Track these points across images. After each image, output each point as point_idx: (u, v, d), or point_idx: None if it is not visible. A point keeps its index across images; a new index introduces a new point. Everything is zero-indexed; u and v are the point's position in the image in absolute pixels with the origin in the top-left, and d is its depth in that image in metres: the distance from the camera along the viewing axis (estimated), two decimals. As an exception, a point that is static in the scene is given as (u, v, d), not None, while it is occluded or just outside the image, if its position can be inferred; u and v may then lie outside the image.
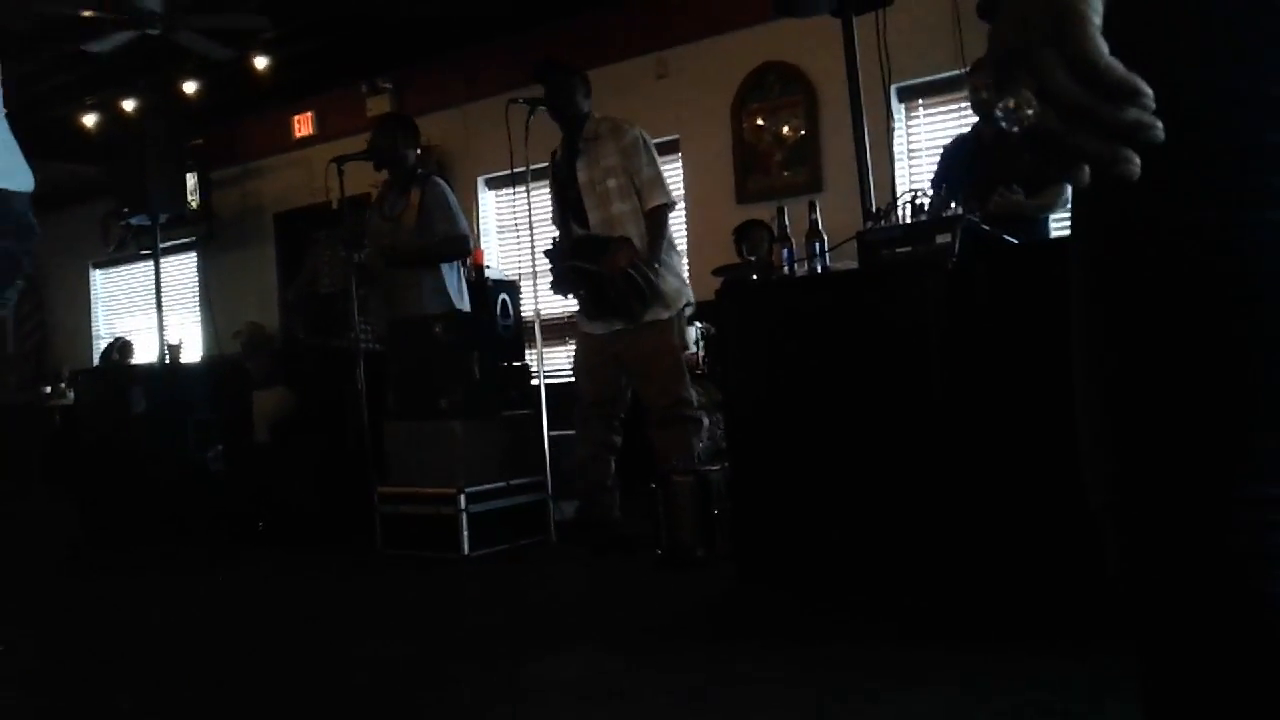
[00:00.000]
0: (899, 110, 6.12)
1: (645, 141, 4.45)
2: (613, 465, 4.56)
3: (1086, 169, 0.73)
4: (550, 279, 4.55)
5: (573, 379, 4.72)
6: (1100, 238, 0.96)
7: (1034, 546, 2.95)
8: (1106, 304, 0.95)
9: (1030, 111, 0.72)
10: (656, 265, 4.35)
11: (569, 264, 4.40)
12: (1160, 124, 0.70)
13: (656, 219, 4.39)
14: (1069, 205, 4.55)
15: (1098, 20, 0.73)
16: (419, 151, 5.34)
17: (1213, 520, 0.89)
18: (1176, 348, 0.90)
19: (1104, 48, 0.72)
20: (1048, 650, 2.60)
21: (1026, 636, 2.72)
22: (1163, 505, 0.92)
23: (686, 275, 6.88)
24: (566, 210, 4.53)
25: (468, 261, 5.44)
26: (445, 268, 5.19)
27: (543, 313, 4.93)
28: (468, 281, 5.50)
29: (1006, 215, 4.10)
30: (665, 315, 4.39)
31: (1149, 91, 0.70)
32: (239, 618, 3.79)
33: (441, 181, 5.35)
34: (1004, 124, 0.72)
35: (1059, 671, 2.45)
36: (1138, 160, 0.71)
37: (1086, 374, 0.98)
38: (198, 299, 9.91)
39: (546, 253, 4.58)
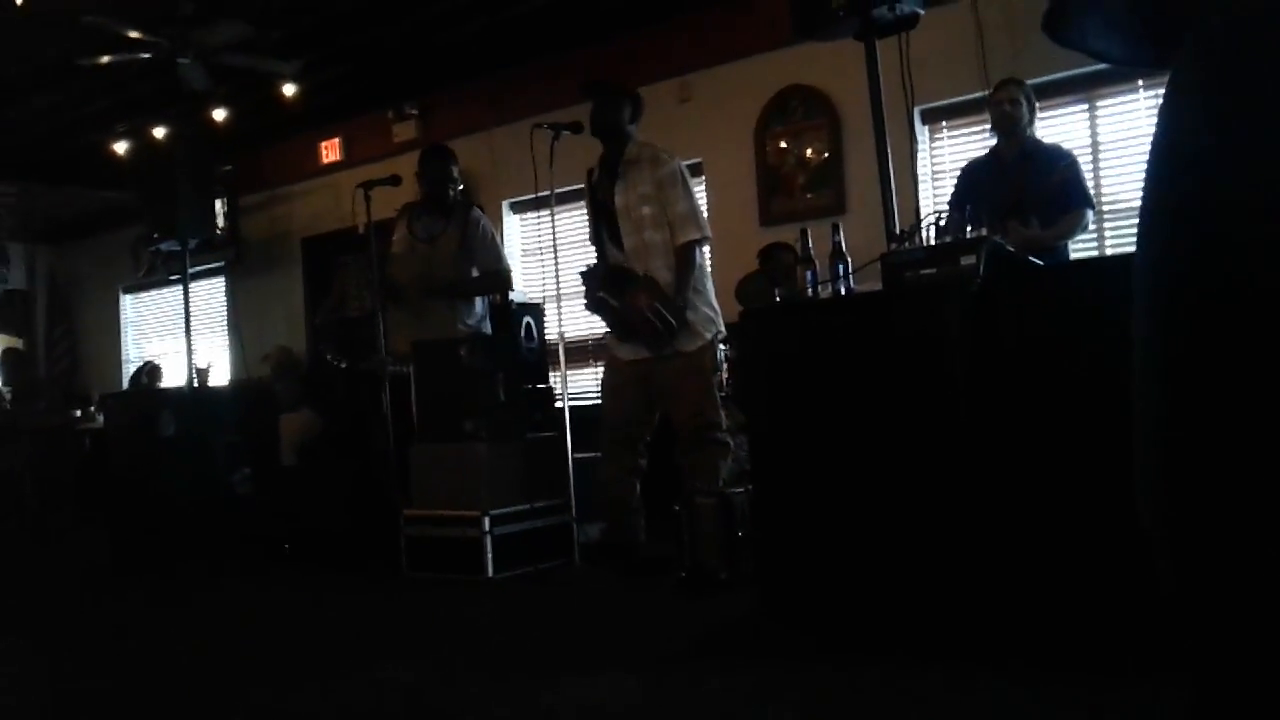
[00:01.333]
0: (922, 132, 6.11)
1: (682, 174, 4.49)
2: (637, 488, 4.55)
3: None
4: (585, 299, 4.58)
5: (597, 402, 4.73)
6: (1179, 261, 0.96)
7: (1060, 570, 2.93)
8: (1175, 324, 0.95)
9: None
10: (682, 302, 4.35)
11: (597, 295, 4.43)
12: None
13: (686, 255, 4.40)
14: (1088, 230, 4.50)
15: None
16: (461, 185, 5.45)
17: (1269, 538, 0.89)
18: (1238, 370, 0.90)
19: None
20: (1069, 677, 2.58)
21: (1050, 662, 2.69)
22: (1220, 524, 0.92)
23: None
24: (602, 230, 4.56)
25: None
26: None
27: (567, 335, 4.95)
28: (493, 305, 5.54)
29: (1022, 246, 4.08)
30: (693, 346, 4.39)
31: None
32: (264, 638, 3.80)
33: (482, 213, 5.43)
34: None
35: (1081, 699, 2.43)
36: None
37: (1146, 396, 0.98)
38: (226, 323, 9.99)
39: (582, 274, 4.61)
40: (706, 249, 4.57)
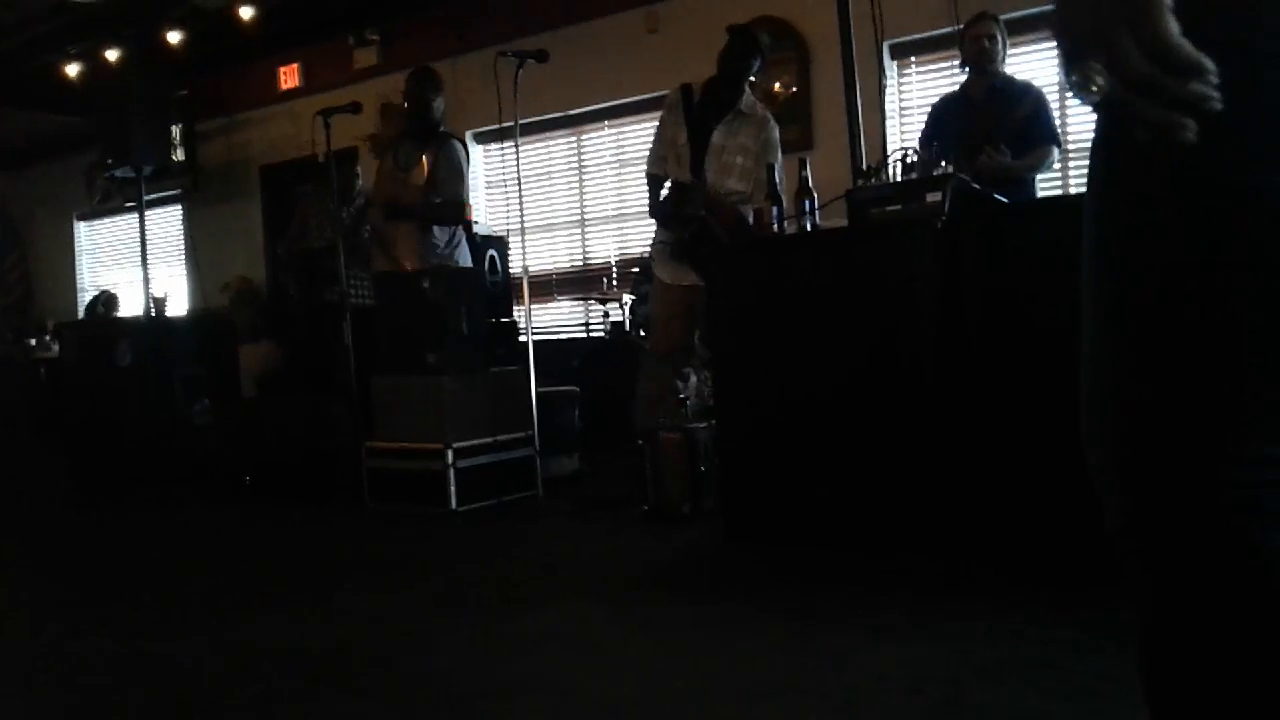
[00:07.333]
0: (891, 68, 6.07)
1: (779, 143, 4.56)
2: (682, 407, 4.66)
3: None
4: (669, 198, 4.55)
5: (559, 336, 4.73)
6: (1125, 201, 0.96)
7: (1018, 501, 2.98)
8: (1122, 268, 0.95)
9: (1097, 86, 0.81)
10: None
11: (699, 211, 4.40)
12: (1218, 95, 0.79)
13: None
14: (1054, 167, 4.50)
15: (1170, 2, 0.81)
16: (440, 111, 5.33)
17: (1211, 477, 0.91)
18: (1183, 311, 0.91)
19: (1176, 29, 0.80)
20: (1027, 603, 2.64)
21: (1008, 590, 2.75)
22: (1163, 463, 0.93)
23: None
24: (685, 148, 4.56)
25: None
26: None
27: (531, 269, 4.91)
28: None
29: (993, 175, 4.09)
30: None
31: (1213, 68, 0.79)
32: (224, 569, 3.80)
33: (459, 144, 5.34)
34: (1072, 94, 0.83)
35: (1038, 624, 2.48)
36: (1194, 127, 0.80)
37: (1093, 336, 0.99)
38: (183, 252, 9.84)
39: (677, 183, 4.56)
40: None
